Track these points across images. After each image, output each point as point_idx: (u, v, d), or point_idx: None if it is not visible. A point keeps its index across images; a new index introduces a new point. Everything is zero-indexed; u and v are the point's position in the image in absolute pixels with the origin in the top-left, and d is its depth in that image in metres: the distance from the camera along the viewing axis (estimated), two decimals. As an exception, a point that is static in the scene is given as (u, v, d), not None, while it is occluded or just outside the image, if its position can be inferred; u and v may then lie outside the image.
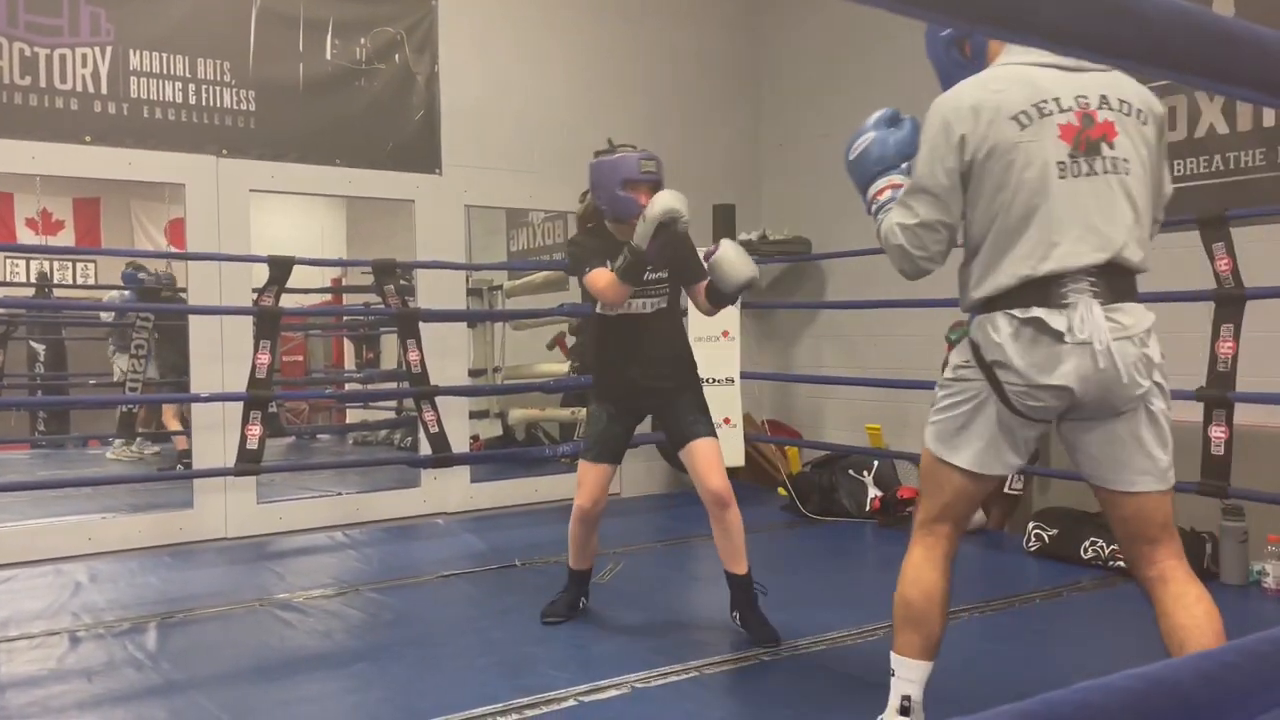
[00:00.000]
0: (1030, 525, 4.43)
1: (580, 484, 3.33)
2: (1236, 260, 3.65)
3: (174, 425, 7.10)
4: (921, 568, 2.24)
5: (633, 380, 3.28)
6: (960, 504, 2.18)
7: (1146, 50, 0.55)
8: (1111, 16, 0.53)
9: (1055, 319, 1.95)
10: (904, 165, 2.26)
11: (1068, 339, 1.95)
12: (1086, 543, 4.15)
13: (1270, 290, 3.66)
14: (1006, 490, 4.90)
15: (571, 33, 6.13)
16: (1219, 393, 3.66)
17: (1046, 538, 4.32)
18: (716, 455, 3.22)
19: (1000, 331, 2.01)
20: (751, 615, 3.23)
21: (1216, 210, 3.79)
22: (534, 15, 5.99)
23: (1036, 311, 1.97)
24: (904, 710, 2.24)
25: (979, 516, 4.95)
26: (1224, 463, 3.65)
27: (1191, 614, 2.03)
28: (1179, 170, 4.56)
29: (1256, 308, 3.70)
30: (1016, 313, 1.99)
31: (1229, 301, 3.65)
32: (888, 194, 2.25)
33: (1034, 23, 0.53)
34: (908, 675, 2.26)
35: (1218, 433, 3.67)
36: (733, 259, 3.16)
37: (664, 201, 3.02)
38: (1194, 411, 3.79)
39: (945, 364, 2.29)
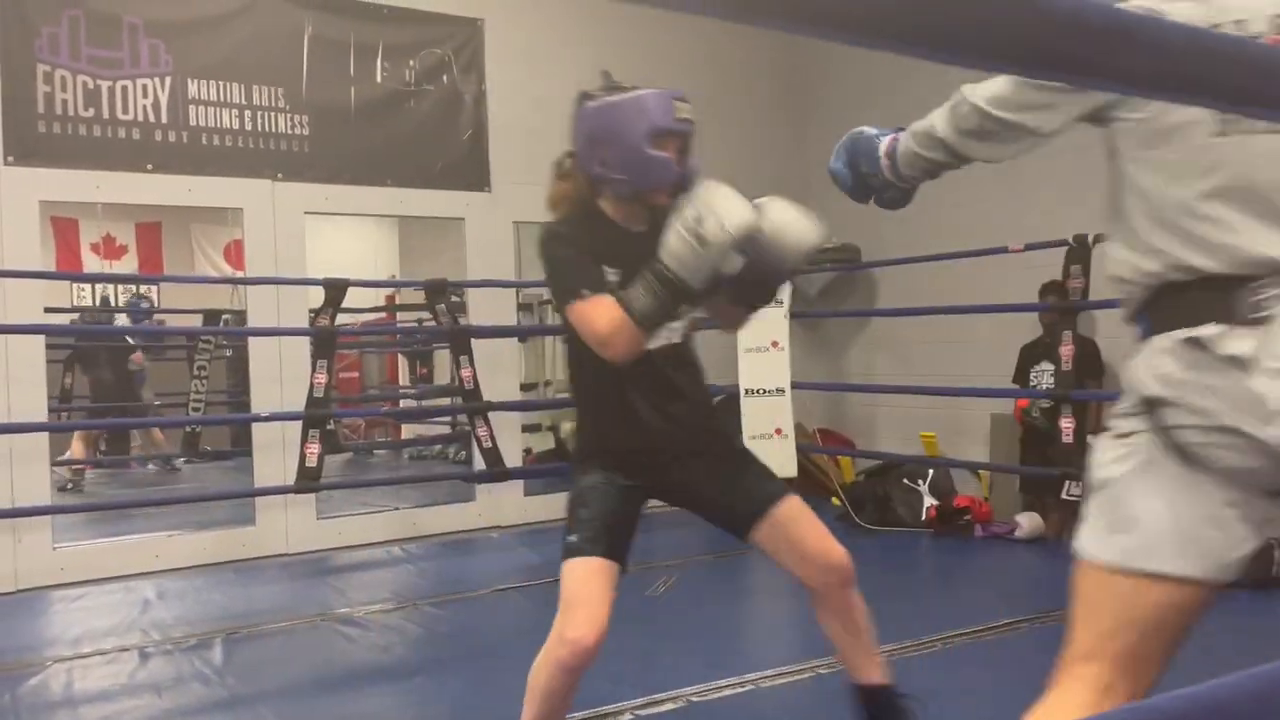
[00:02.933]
0: (1091, 533, 4.35)
1: (572, 603, 2.06)
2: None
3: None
4: None
5: (652, 444, 2.16)
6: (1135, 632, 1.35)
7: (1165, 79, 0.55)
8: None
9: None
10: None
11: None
12: (1149, 550, 4.06)
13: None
14: (1065, 496, 4.82)
15: (617, 46, 6.17)
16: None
17: (1108, 546, 4.24)
18: (814, 516, 2.25)
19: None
20: None
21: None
22: (579, 31, 6.05)
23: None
24: None
25: (1038, 524, 4.88)
26: (1291, 467, 3.55)
27: None
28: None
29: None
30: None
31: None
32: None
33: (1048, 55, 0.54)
34: None
35: None
36: (792, 221, 2.12)
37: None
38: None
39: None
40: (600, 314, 1.95)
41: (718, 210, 1.90)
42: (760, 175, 6.61)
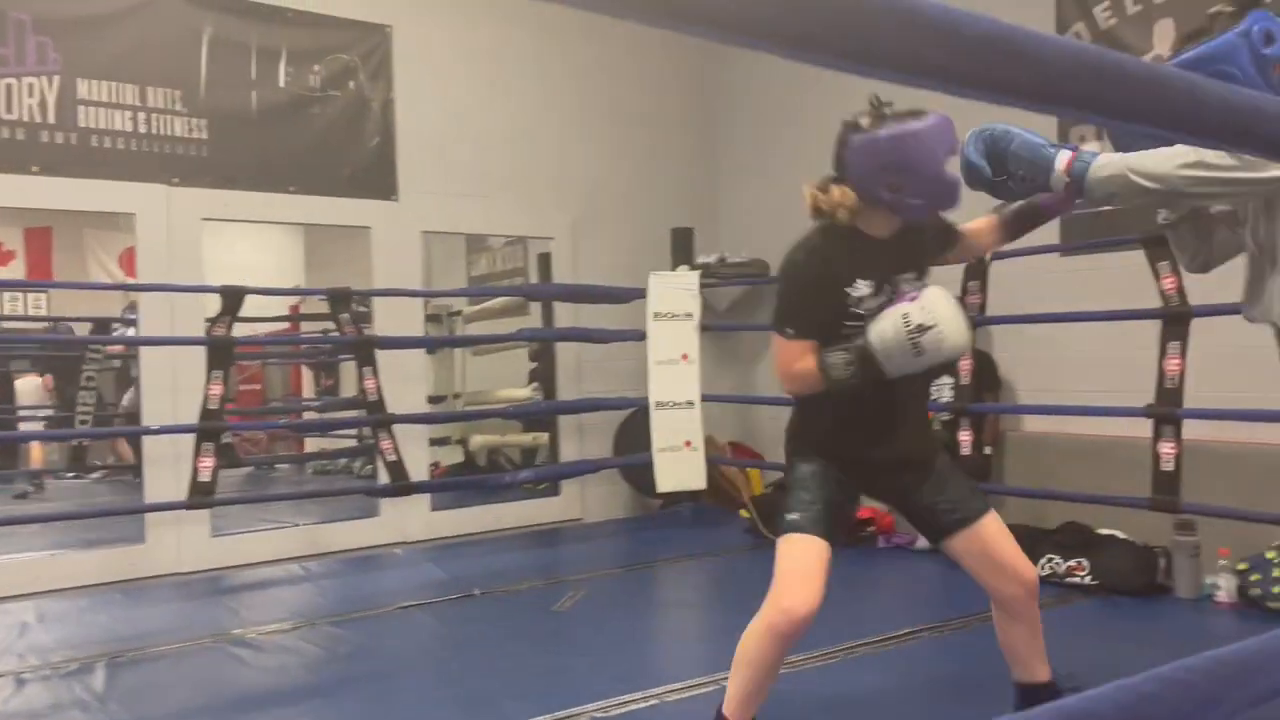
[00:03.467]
0: (989, 543, 4.45)
1: (790, 575, 2.21)
2: (1182, 279, 3.72)
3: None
4: None
5: (874, 458, 2.33)
6: None
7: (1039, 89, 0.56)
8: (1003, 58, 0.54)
9: None
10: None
11: None
12: (1043, 560, 4.17)
13: (1215, 308, 3.72)
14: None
15: (528, 57, 6.15)
16: (1168, 409, 3.71)
17: (1005, 555, 4.35)
18: (1009, 533, 2.35)
19: None
20: None
21: (1160, 230, 3.86)
22: (490, 41, 6.00)
23: None
24: None
25: (939, 535, 4.99)
26: (1174, 478, 3.70)
27: None
28: (1125, 190, 4.64)
29: (1202, 325, 3.76)
30: None
31: (1175, 319, 3.71)
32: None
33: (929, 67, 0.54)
34: None
35: (1167, 449, 3.72)
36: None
37: (955, 334, 2.13)
38: (1143, 428, 3.84)
39: None
40: (795, 357, 2.21)
41: (943, 328, 2.10)
42: (670, 185, 6.66)
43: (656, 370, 5.38)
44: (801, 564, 2.20)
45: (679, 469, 5.32)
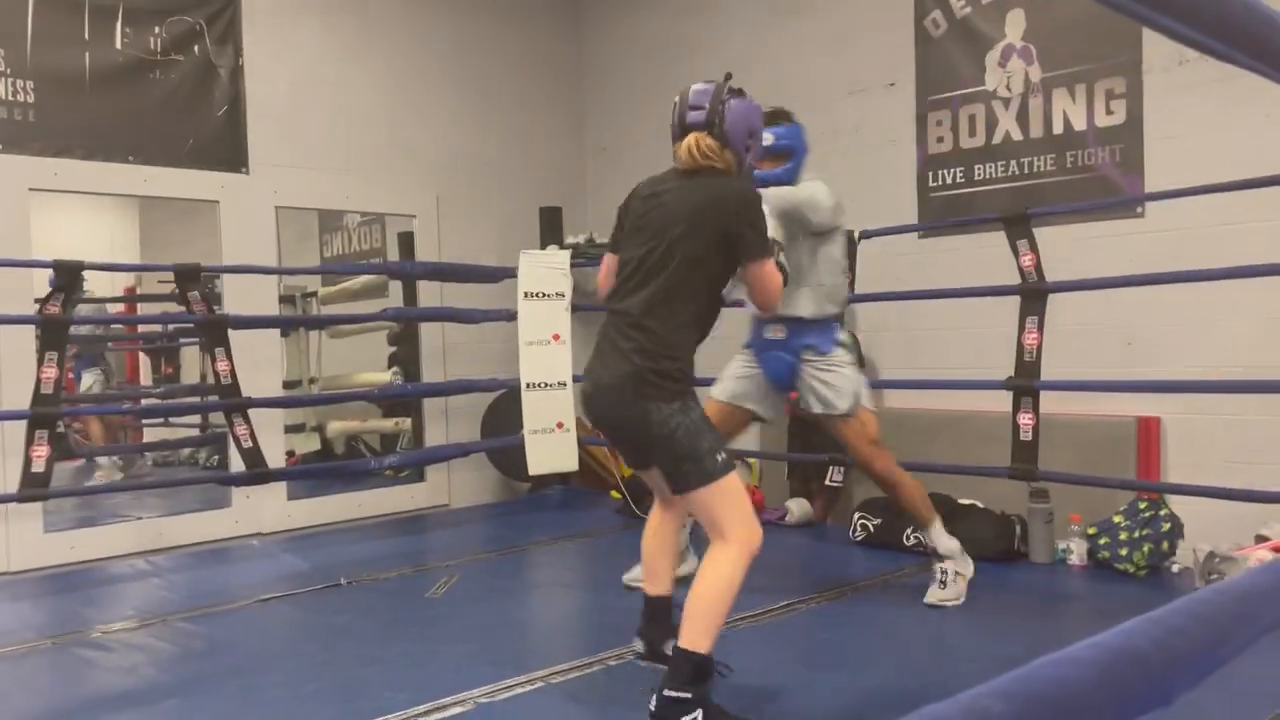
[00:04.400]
0: (855, 516, 4.58)
1: (744, 507, 2.42)
2: (1039, 256, 3.89)
3: None
4: None
5: None
6: None
7: None
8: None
9: None
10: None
11: None
12: (908, 530, 4.31)
13: (1069, 284, 3.92)
14: (828, 482, 5.05)
15: (388, 25, 5.91)
16: (1026, 382, 3.88)
17: (872, 527, 4.48)
18: None
19: None
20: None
21: (1019, 209, 4.03)
22: (346, 6, 5.74)
23: None
24: None
25: (806, 509, 5.09)
26: (1032, 448, 3.88)
27: None
28: (978, 174, 4.84)
29: (1058, 301, 3.95)
30: None
31: (1033, 295, 3.88)
32: None
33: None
34: None
35: (1026, 420, 3.89)
36: None
37: None
38: (1004, 400, 4.01)
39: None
40: (778, 272, 2.62)
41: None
42: (538, 163, 6.55)
43: (528, 351, 5.28)
44: (744, 497, 2.45)
45: (551, 451, 5.24)
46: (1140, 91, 4.28)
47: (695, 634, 2.36)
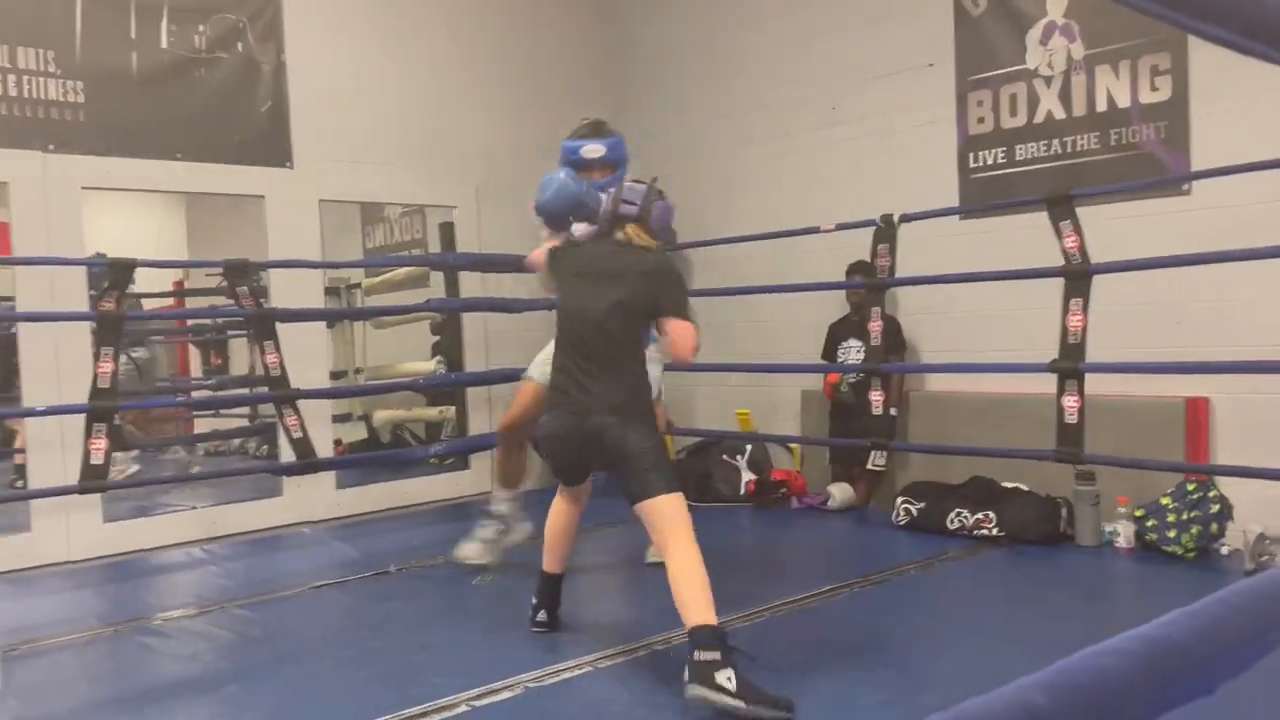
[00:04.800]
0: (898, 500, 4.57)
1: (685, 516, 2.87)
2: (1083, 237, 3.85)
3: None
4: None
5: None
6: None
7: None
8: None
9: None
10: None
11: None
12: (952, 514, 4.31)
13: (1114, 265, 3.87)
14: (871, 466, 5.05)
15: (427, 20, 5.96)
16: (1070, 364, 3.85)
17: (914, 511, 4.47)
18: None
19: None
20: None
21: (1062, 190, 3.99)
22: (386, 2, 5.79)
23: None
24: None
25: (849, 494, 5.09)
26: (1078, 431, 3.85)
27: None
28: (1020, 154, 4.79)
29: (1103, 282, 3.91)
30: None
31: (1077, 277, 3.85)
32: None
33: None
34: None
35: (1070, 402, 3.86)
36: None
37: None
38: (1048, 384, 3.98)
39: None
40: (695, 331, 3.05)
41: None
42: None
43: (567, 339, 5.31)
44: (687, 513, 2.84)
45: (592, 438, 5.28)
46: (1186, 67, 4.20)
47: (697, 613, 2.58)
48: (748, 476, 5.27)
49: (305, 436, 4.70)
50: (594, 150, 3.75)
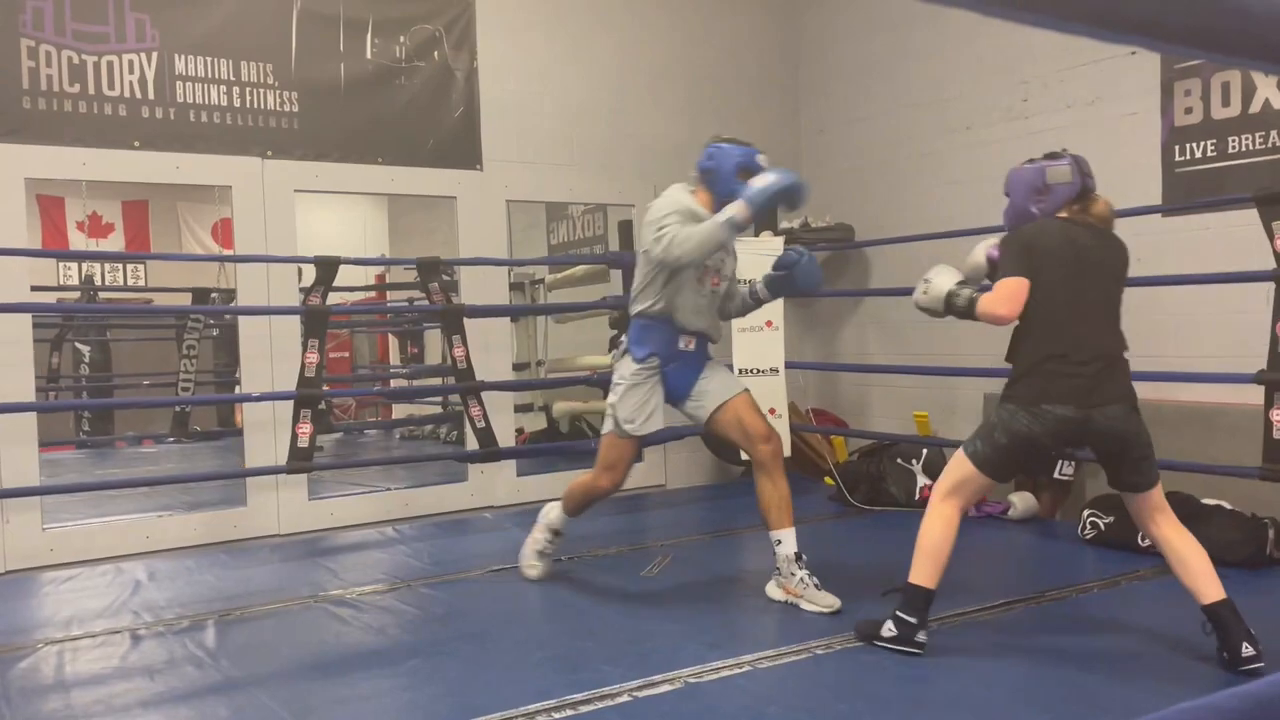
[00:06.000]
0: (1085, 513, 4.36)
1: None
2: (1298, 239, 3.56)
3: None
4: None
5: None
6: None
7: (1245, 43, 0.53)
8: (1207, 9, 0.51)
9: None
10: None
11: None
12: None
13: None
14: (1057, 476, 4.82)
15: (608, 23, 6.11)
16: (1280, 375, 3.57)
17: (1102, 525, 4.25)
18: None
19: None
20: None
21: (1275, 188, 3.69)
22: (571, 8, 5.98)
23: None
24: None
25: (1031, 504, 4.89)
26: (1287, 447, 3.56)
27: None
28: (1232, 147, 4.45)
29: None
30: None
31: (1290, 282, 3.56)
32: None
33: (1125, 17, 0.51)
34: None
35: (1279, 416, 3.58)
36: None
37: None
38: (1255, 395, 3.70)
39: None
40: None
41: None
42: (756, 143, 6.54)
43: (740, 338, 5.35)
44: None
45: (764, 436, 5.28)
46: None
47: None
48: (923, 481, 5.14)
49: (488, 426, 4.94)
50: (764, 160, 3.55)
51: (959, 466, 2.99)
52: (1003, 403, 2.96)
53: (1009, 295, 2.90)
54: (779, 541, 3.48)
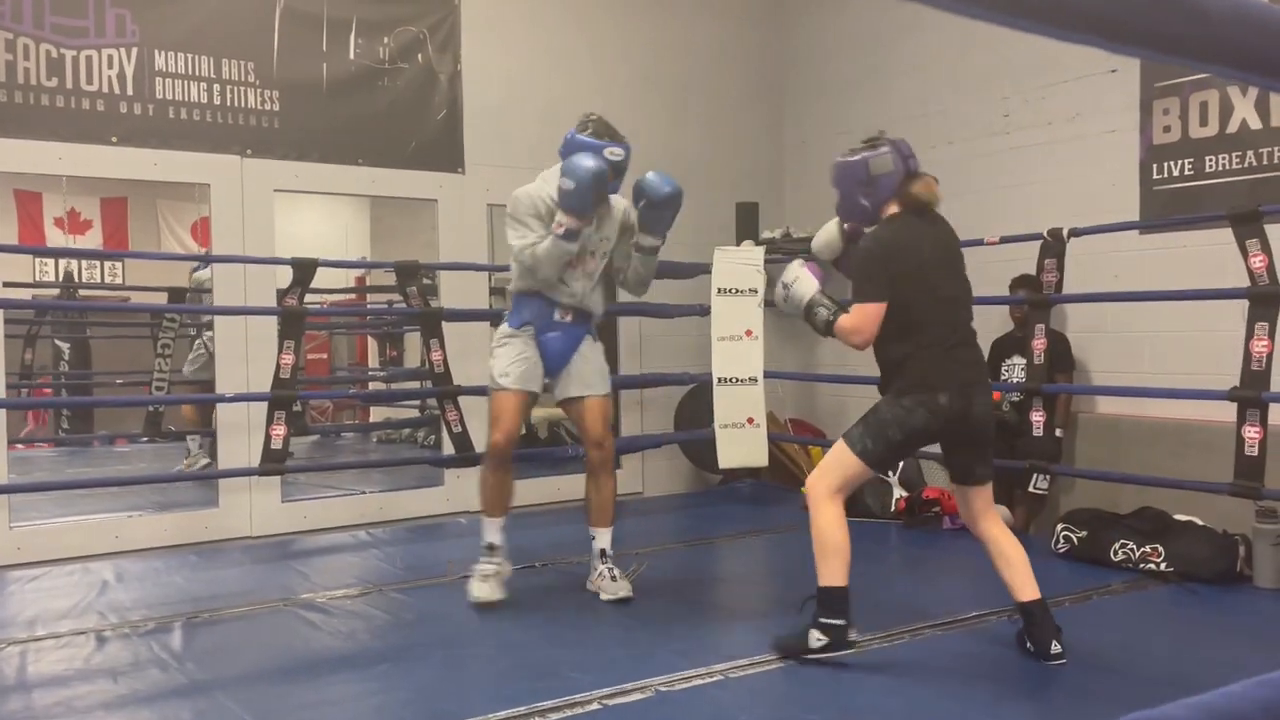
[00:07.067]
0: (1059, 527, 4.37)
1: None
2: (1272, 257, 3.59)
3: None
4: None
5: None
6: None
7: (1204, 47, 0.52)
8: (1165, 11, 0.50)
9: None
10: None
11: None
12: (1116, 545, 4.08)
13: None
14: (1031, 489, 4.84)
15: (593, 29, 6.11)
16: (1253, 392, 3.60)
17: (1075, 539, 4.26)
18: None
19: None
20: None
21: (1250, 206, 3.73)
22: (556, 13, 5.98)
23: None
24: None
25: (1006, 517, 4.90)
26: (1258, 464, 3.59)
27: None
28: (1209, 166, 4.49)
29: None
30: None
31: (1264, 300, 3.58)
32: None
33: (1082, 17, 0.51)
34: None
35: (1252, 433, 3.60)
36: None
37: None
38: (1227, 411, 3.72)
39: None
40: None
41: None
42: (734, 159, 6.58)
43: (720, 346, 5.35)
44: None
45: (741, 445, 5.29)
46: (1405, 72, 3.84)
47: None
48: (898, 493, 5.15)
49: (464, 431, 4.91)
50: (616, 154, 3.71)
51: (847, 464, 3.00)
52: (895, 399, 2.97)
53: (865, 322, 2.99)
54: (593, 538, 3.78)
